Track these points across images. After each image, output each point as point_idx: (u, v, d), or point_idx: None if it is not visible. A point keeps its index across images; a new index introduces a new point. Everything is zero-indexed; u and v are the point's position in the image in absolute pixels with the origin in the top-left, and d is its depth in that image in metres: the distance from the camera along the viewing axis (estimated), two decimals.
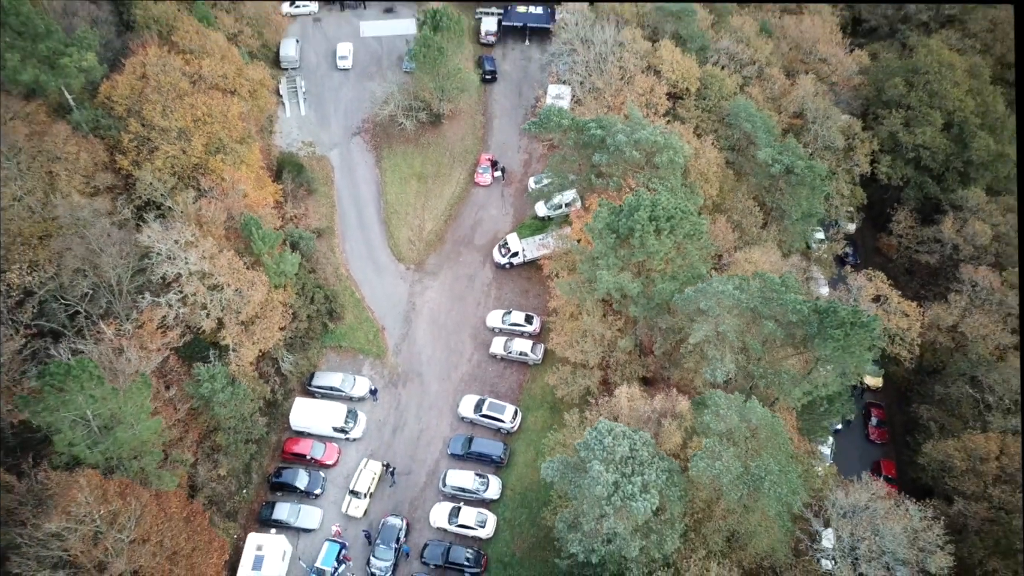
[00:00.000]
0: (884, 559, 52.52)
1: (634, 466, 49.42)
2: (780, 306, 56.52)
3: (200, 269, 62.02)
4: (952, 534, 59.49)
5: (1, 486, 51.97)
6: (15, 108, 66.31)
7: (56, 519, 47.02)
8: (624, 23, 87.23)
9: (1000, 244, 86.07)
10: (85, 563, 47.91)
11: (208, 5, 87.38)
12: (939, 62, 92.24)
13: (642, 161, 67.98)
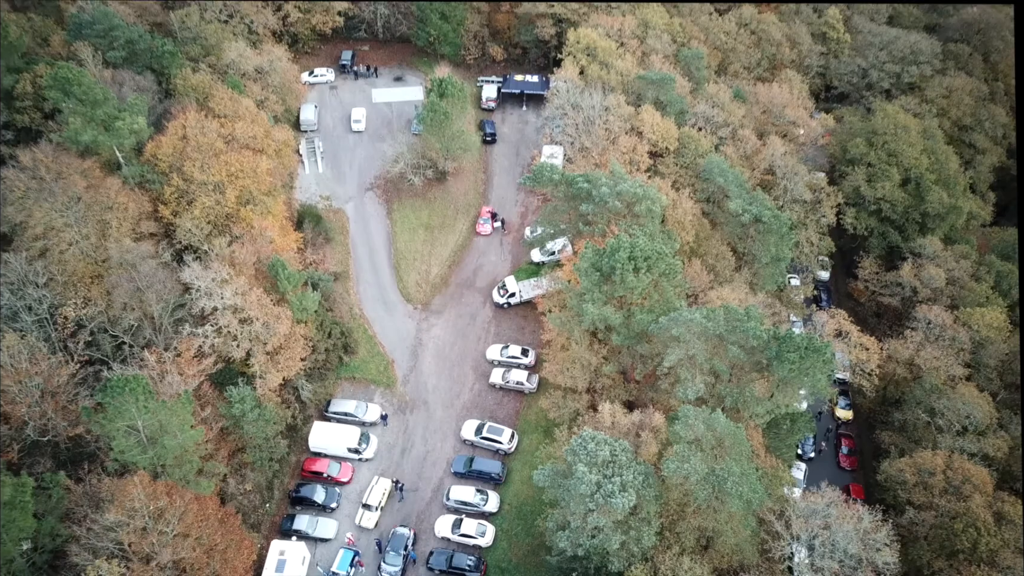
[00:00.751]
0: (837, 554, 59.35)
1: (614, 468, 56.87)
2: (743, 333, 64.65)
3: (233, 304, 70.33)
4: (904, 541, 66.83)
5: (63, 489, 59.17)
6: (73, 165, 75.58)
7: (113, 513, 54.34)
8: (610, 90, 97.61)
9: (954, 287, 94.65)
10: (136, 553, 54.96)
11: (237, 75, 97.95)
12: (895, 124, 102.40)
13: (623, 210, 76.91)
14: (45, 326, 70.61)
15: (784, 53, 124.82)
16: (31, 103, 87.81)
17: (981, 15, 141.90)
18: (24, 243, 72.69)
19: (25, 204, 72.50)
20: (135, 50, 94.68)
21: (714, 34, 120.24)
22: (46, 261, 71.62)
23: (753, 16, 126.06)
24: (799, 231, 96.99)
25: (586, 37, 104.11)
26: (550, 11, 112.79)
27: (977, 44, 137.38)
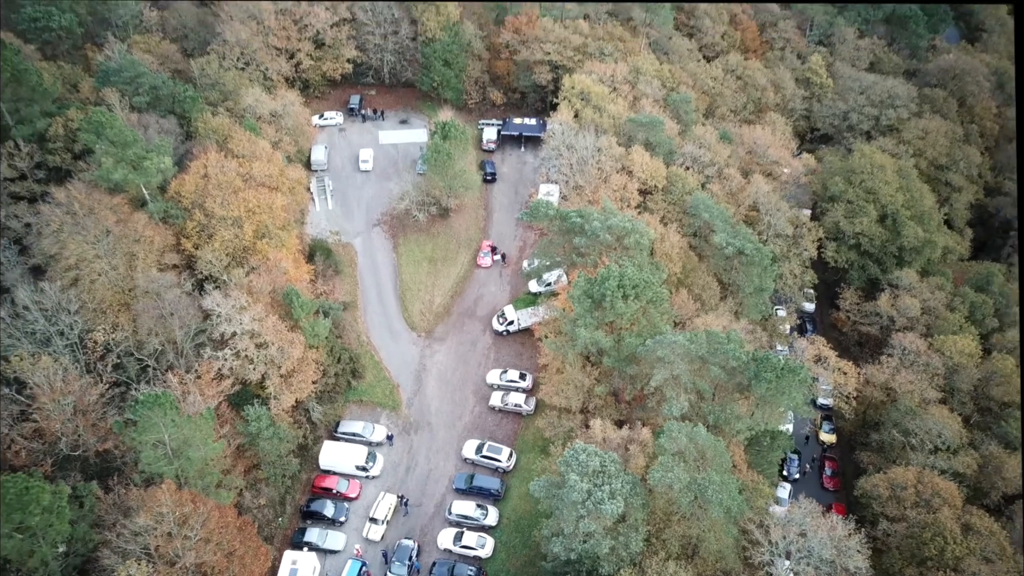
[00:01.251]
0: (812, 560, 63.84)
1: (604, 478, 61.64)
2: (724, 355, 69.95)
3: (251, 329, 75.70)
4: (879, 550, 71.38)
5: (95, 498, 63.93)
6: (104, 201, 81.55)
7: (143, 517, 59.09)
8: (602, 132, 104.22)
9: (929, 316, 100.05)
10: (162, 556, 59.56)
11: (254, 118, 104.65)
12: (872, 163, 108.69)
13: (614, 243, 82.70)
14: (75, 350, 75.93)
15: (769, 97, 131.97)
16: (62, 145, 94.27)
17: (956, 61, 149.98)
18: (57, 273, 78.38)
19: (60, 237, 78.39)
20: (159, 95, 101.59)
21: (702, 79, 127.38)
22: (78, 289, 77.23)
23: (739, 63, 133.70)
24: (782, 264, 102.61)
25: (580, 83, 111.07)
26: (547, 58, 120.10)
27: (953, 89, 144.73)
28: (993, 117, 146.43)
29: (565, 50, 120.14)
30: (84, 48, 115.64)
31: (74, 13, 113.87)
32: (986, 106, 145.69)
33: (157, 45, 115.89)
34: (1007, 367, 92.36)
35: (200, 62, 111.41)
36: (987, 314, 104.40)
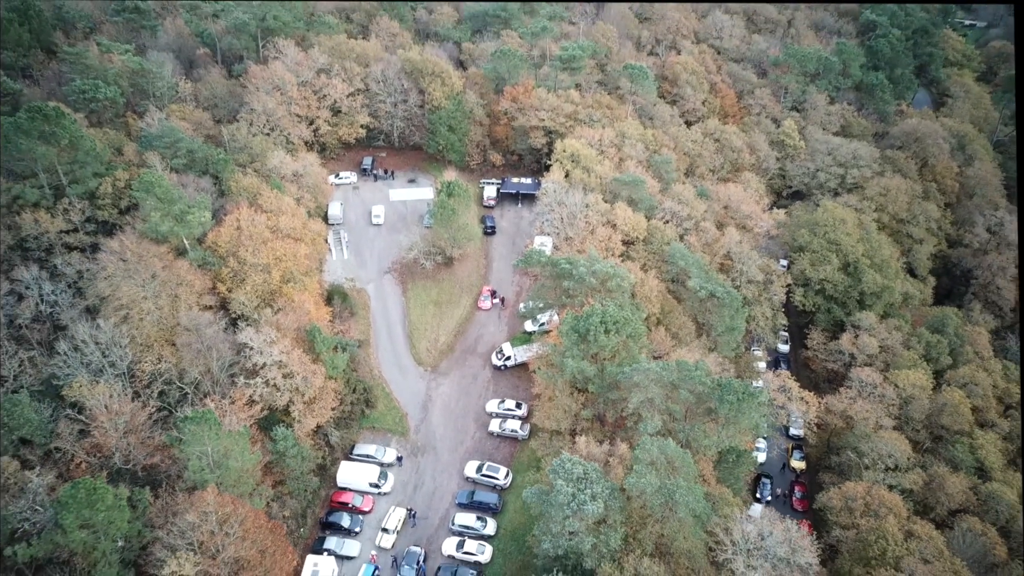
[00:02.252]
0: (769, 558, 73.24)
1: (586, 483, 71.55)
2: (692, 381, 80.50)
3: (279, 360, 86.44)
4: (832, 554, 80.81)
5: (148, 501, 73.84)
6: (152, 250, 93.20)
7: (191, 515, 68.95)
8: (590, 190, 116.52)
9: (887, 354, 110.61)
10: (205, 550, 69.20)
11: (279, 178, 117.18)
12: (834, 217, 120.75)
13: (598, 286, 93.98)
14: (124, 379, 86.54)
15: (744, 158, 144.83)
16: (110, 201, 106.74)
17: (918, 126, 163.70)
18: (110, 312, 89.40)
19: (113, 281, 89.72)
20: (194, 158, 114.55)
21: (683, 142, 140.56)
22: (128, 326, 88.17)
23: (717, 127, 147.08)
24: (754, 307, 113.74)
25: (571, 146, 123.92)
26: (541, 124, 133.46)
27: (916, 150, 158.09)
28: (954, 176, 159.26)
29: (558, 117, 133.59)
30: (125, 116, 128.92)
31: (117, 85, 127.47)
32: (947, 166, 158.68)
33: (191, 113, 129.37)
34: (956, 399, 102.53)
35: (230, 128, 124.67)
36: (941, 352, 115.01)
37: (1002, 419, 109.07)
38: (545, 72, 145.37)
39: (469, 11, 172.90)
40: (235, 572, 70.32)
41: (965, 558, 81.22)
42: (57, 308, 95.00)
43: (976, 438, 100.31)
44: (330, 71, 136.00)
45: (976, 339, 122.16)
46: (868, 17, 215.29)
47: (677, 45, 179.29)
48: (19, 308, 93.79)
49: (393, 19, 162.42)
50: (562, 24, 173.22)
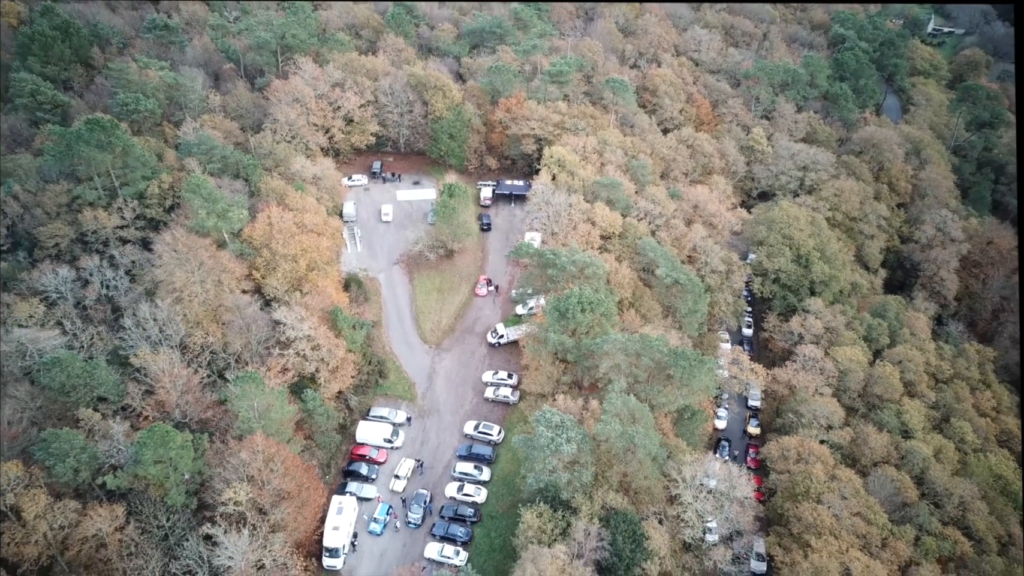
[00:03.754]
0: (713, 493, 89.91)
1: (563, 429, 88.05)
2: (652, 350, 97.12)
3: (308, 334, 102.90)
4: (770, 494, 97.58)
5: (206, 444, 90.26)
6: (198, 242, 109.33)
7: (244, 453, 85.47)
8: (573, 191, 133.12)
9: (831, 334, 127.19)
10: (255, 482, 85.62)
11: (301, 180, 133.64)
12: (787, 215, 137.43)
13: (577, 273, 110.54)
14: (177, 350, 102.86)
15: (715, 162, 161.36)
16: (157, 201, 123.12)
17: (875, 133, 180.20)
18: (164, 294, 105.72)
19: (168, 268, 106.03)
20: (227, 163, 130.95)
21: (659, 148, 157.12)
22: (181, 307, 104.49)
23: (691, 135, 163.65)
24: (716, 293, 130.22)
25: (558, 153, 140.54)
26: (532, 133, 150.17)
27: (873, 155, 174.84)
28: (908, 178, 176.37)
29: (547, 126, 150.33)
30: (162, 125, 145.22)
31: (155, 98, 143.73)
32: (901, 169, 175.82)
33: (221, 123, 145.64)
34: (887, 372, 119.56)
35: (257, 137, 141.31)
36: (881, 334, 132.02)
37: (930, 391, 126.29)
38: (536, 85, 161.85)
39: (467, 27, 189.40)
40: (278, 501, 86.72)
41: (879, 497, 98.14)
42: (116, 292, 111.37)
43: (903, 405, 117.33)
44: (344, 85, 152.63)
45: (915, 323, 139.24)
46: (837, 31, 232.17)
47: (658, 58, 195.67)
48: (85, 292, 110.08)
49: (398, 35, 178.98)
50: (552, 39, 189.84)
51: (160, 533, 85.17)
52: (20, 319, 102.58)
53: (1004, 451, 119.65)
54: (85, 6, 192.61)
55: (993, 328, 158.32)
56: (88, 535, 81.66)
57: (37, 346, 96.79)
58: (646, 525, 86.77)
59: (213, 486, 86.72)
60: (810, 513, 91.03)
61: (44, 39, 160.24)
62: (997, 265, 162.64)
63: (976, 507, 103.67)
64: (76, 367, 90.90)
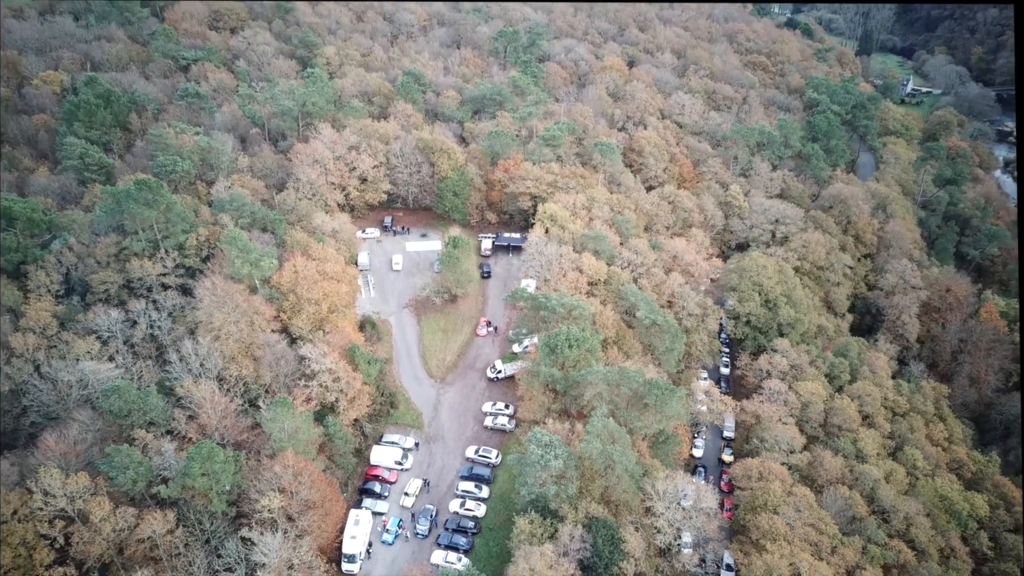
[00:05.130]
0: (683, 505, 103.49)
1: (551, 448, 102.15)
2: (629, 380, 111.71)
3: (330, 368, 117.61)
4: (735, 508, 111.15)
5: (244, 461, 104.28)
6: (233, 287, 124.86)
7: (277, 467, 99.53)
8: (564, 243, 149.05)
9: (795, 371, 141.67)
10: (286, 492, 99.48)
11: (322, 233, 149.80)
12: (757, 264, 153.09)
13: (566, 315, 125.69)
14: (215, 382, 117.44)
15: (694, 217, 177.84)
16: (194, 251, 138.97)
17: (842, 190, 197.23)
18: (204, 333, 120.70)
19: (208, 310, 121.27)
20: (256, 218, 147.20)
21: (643, 204, 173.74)
22: (219, 344, 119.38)
23: (672, 191, 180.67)
24: (692, 334, 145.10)
25: (550, 209, 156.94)
26: (528, 191, 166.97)
27: (841, 210, 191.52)
28: (874, 231, 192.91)
29: (541, 185, 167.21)
30: (195, 184, 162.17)
31: (191, 160, 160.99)
32: (867, 223, 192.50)
33: (249, 182, 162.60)
34: (844, 405, 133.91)
35: (281, 196, 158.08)
36: (842, 371, 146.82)
37: (886, 423, 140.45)
38: (532, 147, 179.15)
39: (469, 94, 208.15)
40: (305, 510, 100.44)
41: (831, 511, 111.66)
42: (160, 331, 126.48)
43: (859, 434, 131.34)
44: (359, 148, 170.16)
45: (875, 363, 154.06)
46: (811, 96, 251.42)
47: (645, 121, 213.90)
48: (133, 331, 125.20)
49: (407, 102, 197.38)
50: (547, 105, 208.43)
51: (204, 536, 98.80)
52: (79, 354, 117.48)
53: (951, 476, 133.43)
54: (122, 75, 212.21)
55: (952, 368, 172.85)
56: (144, 537, 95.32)
57: (98, 376, 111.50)
58: (623, 531, 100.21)
59: (249, 497, 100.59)
60: (766, 522, 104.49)
61: (88, 106, 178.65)
62: (955, 310, 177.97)
63: (919, 522, 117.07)
64: (132, 394, 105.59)
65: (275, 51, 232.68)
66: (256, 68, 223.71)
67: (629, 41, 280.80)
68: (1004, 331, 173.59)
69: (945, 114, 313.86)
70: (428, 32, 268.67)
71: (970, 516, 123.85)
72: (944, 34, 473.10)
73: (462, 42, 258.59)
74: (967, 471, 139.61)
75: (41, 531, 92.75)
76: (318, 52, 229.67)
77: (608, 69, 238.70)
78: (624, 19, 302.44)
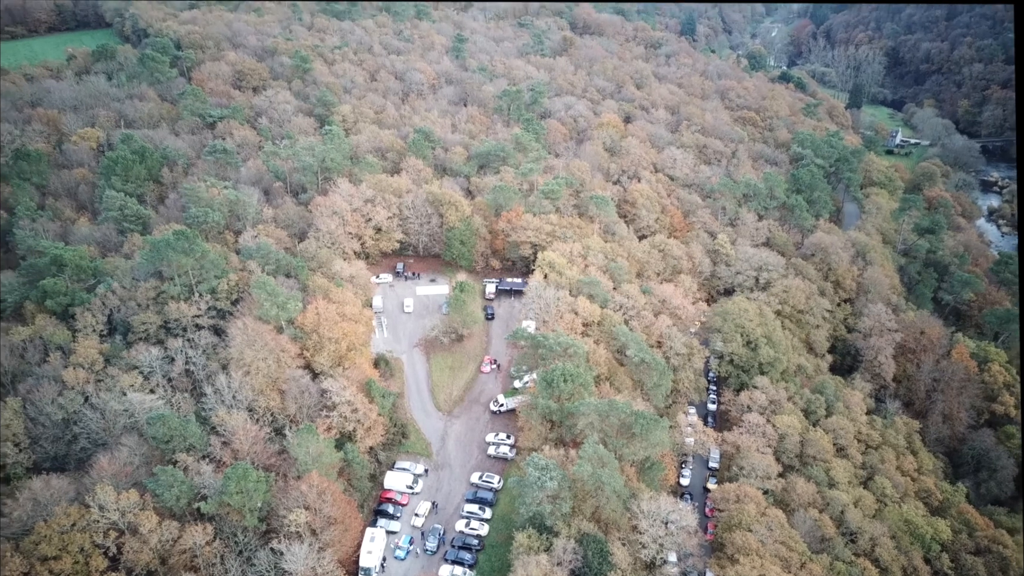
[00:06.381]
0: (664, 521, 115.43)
1: (547, 470, 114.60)
2: (617, 411, 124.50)
3: (348, 400, 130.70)
4: (716, 526, 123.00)
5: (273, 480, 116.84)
6: (262, 328, 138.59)
7: (304, 486, 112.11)
8: (561, 288, 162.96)
9: (774, 405, 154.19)
10: (311, 509, 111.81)
11: (340, 279, 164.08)
12: (738, 308, 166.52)
13: (562, 353, 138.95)
14: (246, 412, 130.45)
15: (683, 264, 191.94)
16: (225, 295, 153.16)
17: (823, 239, 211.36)
18: (235, 368, 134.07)
19: (240, 348, 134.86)
20: (280, 264, 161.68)
21: (635, 252, 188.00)
22: (249, 378, 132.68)
23: (663, 240, 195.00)
24: (679, 372, 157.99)
25: (549, 256, 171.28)
26: (528, 240, 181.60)
27: (822, 257, 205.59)
28: (854, 278, 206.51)
29: (540, 234, 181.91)
30: (224, 233, 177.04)
31: (220, 212, 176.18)
32: (847, 270, 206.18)
33: (273, 232, 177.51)
34: (818, 436, 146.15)
35: (303, 244, 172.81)
36: (819, 407, 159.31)
37: (859, 454, 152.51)
38: (532, 200, 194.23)
39: (476, 150, 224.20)
40: (327, 525, 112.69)
41: (801, 531, 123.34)
42: (195, 367, 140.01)
43: (831, 464, 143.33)
44: (374, 200, 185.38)
45: (851, 399, 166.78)
46: (796, 150, 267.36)
47: (638, 174, 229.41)
48: (171, 367, 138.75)
49: (418, 158, 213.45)
50: (547, 160, 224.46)
51: (238, 548, 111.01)
52: (124, 388, 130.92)
53: (918, 503, 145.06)
54: (154, 132, 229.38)
55: (927, 405, 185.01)
56: (186, 547, 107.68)
57: (143, 407, 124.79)
58: (611, 545, 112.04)
59: (277, 513, 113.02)
60: (740, 538, 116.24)
61: (125, 162, 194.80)
62: (928, 351, 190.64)
63: (884, 543, 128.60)
64: (174, 422, 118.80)
65: (295, 109, 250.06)
66: (277, 125, 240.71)
67: (626, 98, 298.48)
68: (974, 371, 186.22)
69: (930, 165, 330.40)
70: (437, 90, 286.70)
71: (933, 539, 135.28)
72: (932, 87, 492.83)
73: (469, 100, 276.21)
74: (934, 499, 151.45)
75: (96, 540, 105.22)
76: (335, 110, 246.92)
77: (605, 125, 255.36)
78: (622, 77, 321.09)
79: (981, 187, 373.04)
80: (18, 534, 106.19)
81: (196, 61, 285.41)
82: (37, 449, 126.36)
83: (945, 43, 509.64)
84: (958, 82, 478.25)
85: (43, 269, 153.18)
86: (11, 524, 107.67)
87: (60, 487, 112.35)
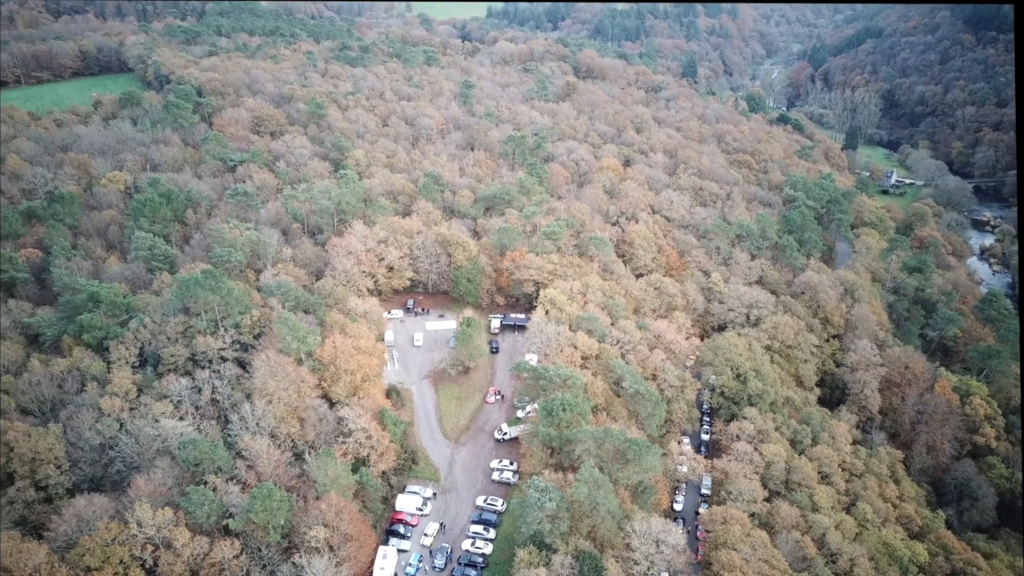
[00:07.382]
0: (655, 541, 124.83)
1: (547, 492, 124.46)
2: (612, 438, 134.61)
3: (363, 427, 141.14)
4: (707, 545, 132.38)
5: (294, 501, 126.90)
6: (284, 360, 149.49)
7: (324, 504, 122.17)
8: (561, 323, 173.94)
9: (761, 435, 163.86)
10: (330, 526, 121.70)
11: (355, 315, 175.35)
12: (729, 343, 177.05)
13: (562, 383, 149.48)
14: (268, 438, 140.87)
15: (678, 301, 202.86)
16: (248, 330, 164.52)
17: (812, 278, 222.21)
18: (258, 398, 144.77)
19: (263, 379, 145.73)
20: (299, 301, 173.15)
21: (631, 290, 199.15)
22: (271, 407, 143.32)
23: (658, 279, 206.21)
24: (673, 403, 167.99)
25: (551, 294, 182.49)
26: (531, 278, 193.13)
27: (811, 295, 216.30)
28: (842, 315, 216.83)
29: (542, 273, 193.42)
30: (245, 271, 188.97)
31: (242, 252, 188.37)
32: (835, 307, 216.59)
33: (292, 270, 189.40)
34: (803, 464, 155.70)
35: (320, 282, 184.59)
36: (805, 437, 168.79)
37: (843, 481, 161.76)
38: (535, 241, 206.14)
39: (482, 193, 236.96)
40: (344, 542, 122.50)
41: (783, 551, 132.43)
42: (221, 396, 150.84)
43: (815, 490, 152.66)
44: (386, 241, 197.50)
45: (836, 430, 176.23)
46: (789, 192, 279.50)
47: (636, 216, 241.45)
48: (199, 396, 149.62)
49: (428, 200, 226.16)
50: (549, 203, 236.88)
51: (262, 562, 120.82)
52: (156, 415, 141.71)
53: (898, 527, 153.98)
54: (178, 175, 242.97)
55: (912, 437, 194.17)
56: (215, 561, 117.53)
57: (175, 432, 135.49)
58: (606, 561, 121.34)
59: (299, 530, 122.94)
60: (726, 556, 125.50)
61: (153, 204, 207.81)
62: (912, 385, 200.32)
63: (862, 563, 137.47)
64: (204, 447, 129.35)
65: (311, 153, 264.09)
66: (294, 168, 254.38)
67: (626, 142, 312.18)
68: (956, 404, 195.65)
69: (922, 206, 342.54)
70: (445, 135, 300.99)
71: (911, 561, 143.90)
72: (927, 129, 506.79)
73: (476, 144, 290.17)
74: (914, 525, 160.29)
75: (135, 553, 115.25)
76: (349, 154, 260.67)
77: (605, 169, 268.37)
78: (622, 121, 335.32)
79: (973, 226, 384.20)
80: (63, 547, 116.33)
81: (217, 107, 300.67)
82: (76, 471, 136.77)
83: (939, 86, 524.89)
84: (952, 124, 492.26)
85: (80, 305, 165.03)
86: (57, 538, 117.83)
87: (101, 505, 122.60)
